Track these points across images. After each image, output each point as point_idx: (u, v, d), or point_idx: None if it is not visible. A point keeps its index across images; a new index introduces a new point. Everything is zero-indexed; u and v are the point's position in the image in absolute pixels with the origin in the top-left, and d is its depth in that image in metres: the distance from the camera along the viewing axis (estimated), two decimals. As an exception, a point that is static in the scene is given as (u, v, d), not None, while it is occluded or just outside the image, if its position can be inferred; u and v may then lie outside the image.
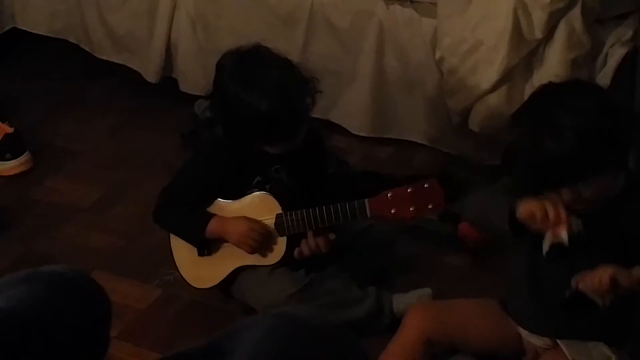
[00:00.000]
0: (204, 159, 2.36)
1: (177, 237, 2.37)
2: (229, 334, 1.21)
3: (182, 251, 2.37)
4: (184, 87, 3.10)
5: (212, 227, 2.29)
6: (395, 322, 2.21)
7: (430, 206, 2.14)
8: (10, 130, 2.89)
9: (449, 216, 2.51)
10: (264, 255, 2.31)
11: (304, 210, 2.25)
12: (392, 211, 2.16)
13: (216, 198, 2.32)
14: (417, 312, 2.08)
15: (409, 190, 2.14)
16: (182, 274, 2.39)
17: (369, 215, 2.20)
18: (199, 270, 2.37)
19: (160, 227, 2.38)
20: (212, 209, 2.32)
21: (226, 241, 2.32)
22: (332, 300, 2.27)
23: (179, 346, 2.24)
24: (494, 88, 2.61)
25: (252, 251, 2.30)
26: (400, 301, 2.29)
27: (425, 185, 2.14)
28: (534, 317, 2.01)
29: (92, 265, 2.51)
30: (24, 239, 2.64)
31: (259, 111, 2.18)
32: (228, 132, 2.27)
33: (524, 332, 2.04)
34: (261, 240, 2.29)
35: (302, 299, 2.26)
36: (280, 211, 2.28)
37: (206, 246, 2.35)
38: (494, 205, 1.98)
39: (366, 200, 2.20)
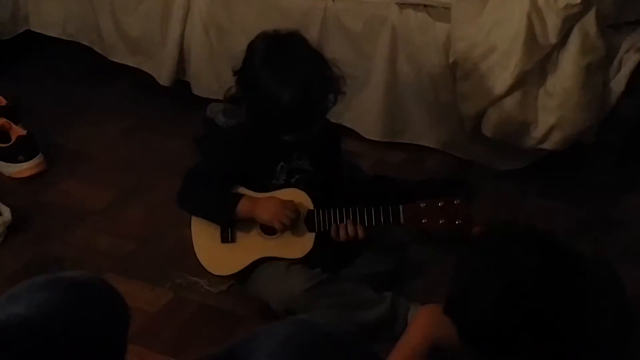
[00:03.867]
0: (229, 141, 2.38)
1: (198, 222, 2.36)
2: (245, 342, 1.21)
3: (202, 236, 2.36)
4: (196, 91, 3.11)
5: (244, 206, 2.29)
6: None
7: (458, 222, 2.24)
8: (23, 132, 2.90)
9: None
10: (289, 248, 2.32)
11: (337, 209, 2.27)
12: (423, 221, 2.25)
13: (241, 182, 2.32)
14: (423, 316, 2.07)
15: (440, 204, 2.25)
16: (201, 260, 2.38)
17: (402, 221, 2.26)
18: (220, 256, 2.36)
19: (185, 209, 2.37)
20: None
21: (251, 229, 2.31)
22: (346, 300, 2.28)
23: (190, 350, 2.27)
24: (508, 93, 2.60)
25: (282, 229, 2.29)
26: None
27: (456, 202, 2.24)
28: None
29: (104, 268, 2.51)
30: (36, 242, 2.64)
31: (279, 101, 2.20)
32: (249, 112, 2.29)
33: None
34: (293, 221, 2.28)
35: (316, 295, 2.26)
36: (311, 207, 2.30)
37: (231, 231, 2.34)
38: None
39: (401, 206, 2.25)
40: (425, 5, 2.78)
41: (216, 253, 2.37)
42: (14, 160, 2.88)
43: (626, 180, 2.75)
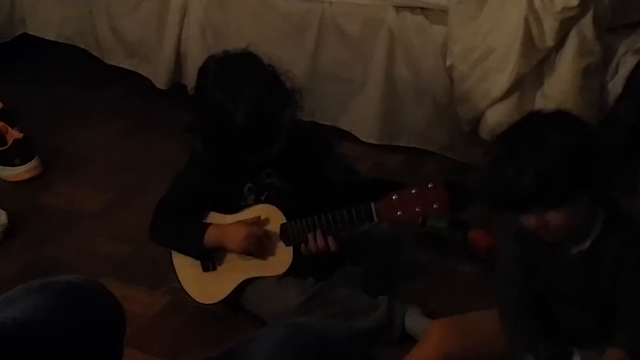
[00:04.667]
0: (193, 167, 2.34)
1: (179, 254, 2.35)
2: (241, 345, 1.20)
3: (185, 268, 2.36)
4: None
5: (210, 235, 2.27)
6: (405, 335, 2.20)
7: (435, 206, 2.14)
8: (19, 135, 2.89)
9: (459, 224, 2.51)
10: (270, 265, 2.30)
11: (309, 218, 2.23)
12: (398, 213, 2.17)
13: (210, 208, 2.30)
14: (436, 330, 2.06)
15: (413, 191, 2.15)
16: (188, 291, 2.37)
17: (375, 219, 2.20)
18: (205, 285, 2.35)
19: (157, 243, 2.36)
20: (211, 222, 2.30)
21: (229, 253, 2.30)
22: (342, 309, 2.26)
23: (186, 353, 2.26)
24: (505, 96, 2.60)
25: (254, 255, 2.27)
26: (414, 322, 2.26)
27: (429, 186, 2.15)
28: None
29: (101, 272, 2.51)
30: (33, 245, 2.64)
31: (233, 120, 2.17)
32: (206, 139, 2.25)
33: None
34: (264, 248, 2.27)
35: (311, 308, 2.24)
36: (284, 221, 2.27)
37: (210, 260, 2.33)
38: None
39: (372, 203, 2.19)
40: (422, 8, 2.78)
41: (201, 283, 2.36)
42: (10, 163, 2.88)
43: (623, 183, 2.75)
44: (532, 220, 1.81)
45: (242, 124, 2.16)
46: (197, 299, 2.37)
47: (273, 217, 2.27)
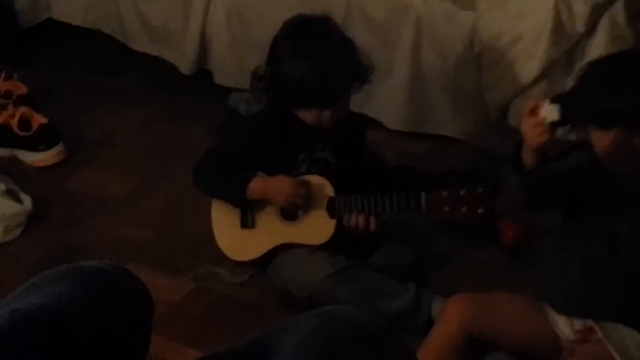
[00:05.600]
0: (252, 125, 2.38)
1: (218, 207, 2.34)
2: (271, 335, 1.18)
3: (223, 221, 2.35)
4: (218, 80, 3.08)
5: (255, 184, 2.27)
6: (430, 324, 2.19)
7: (480, 211, 2.22)
8: (44, 120, 2.89)
9: (487, 213, 2.49)
10: (309, 234, 2.30)
11: (358, 196, 2.26)
12: (444, 209, 2.24)
13: (261, 168, 2.30)
14: (456, 304, 2.05)
15: (462, 193, 2.23)
16: (220, 245, 2.37)
17: (423, 208, 2.24)
18: (240, 242, 2.35)
19: (199, 187, 2.35)
20: None
21: (271, 214, 2.30)
22: (370, 288, 2.26)
23: (211, 340, 2.25)
24: (534, 83, 2.57)
25: (296, 207, 2.28)
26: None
27: (478, 191, 2.23)
28: (575, 298, 1.98)
29: (124, 257, 2.50)
30: (57, 230, 2.63)
31: (293, 75, 2.22)
32: (272, 85, 2.29)
33: (561, 322, 2.00)
34: (307, 206, 2.28)
35: (340, 282, 2.25)
36: (333, 194, 2.28)
37: (250, 215, 2.32)
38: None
39: (422, 193, 2.24)
40: (450, -6, 2.75)
41: (236, 238, 2.35)
42: (35, 148, 2.87)
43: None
44: (619, 135, 1.82)
45: (300, 78, 2.21)
46: (229, 255, 2.36)
47: (322, 188, 2.29)
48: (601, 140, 1.85)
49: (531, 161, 1.92)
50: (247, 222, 2.33)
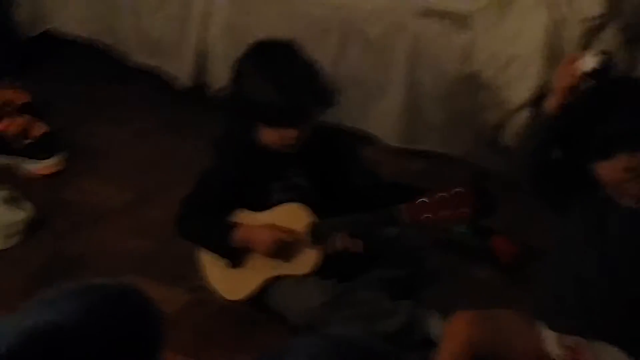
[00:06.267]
0: (220, 163, 2.36)
1: (206, 251, 2.37)
2: (276, 355, 1.18)
3: (212, 264, 2.37)
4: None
5: (238, 236, 2.29)
6: (426, 341, 2.21)
7: (463, 210, 2.15)
8: (45, 130, 2.91)
9: (482, 230, 2.51)
10: (296, 264, 2.30)
11: (337, 218, 2.25)
12: (425, 216, 2.18)
13: (237, 206, 2.31)
14: (461, 320, 2.06)
15: (441, 195, 2.16)
16: (213, 286, 2.38)
17: (403, 220, 2.21)
18: (230, 282, 2.37)
19: (184, 239, 2.37)
20: (238, 220, 2.32)
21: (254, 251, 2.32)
22: (364, 311, 2.26)
23: (209, 352, 2.26)
24: (529, 103, 2.61)
25: (281, 259, 2.29)
26: (437, 326, 2.26)
27: (457, 190, 2.16)
28: (565, 315, 2.01)
29: (122, 268, 2.52)
30: (56, 239, 2.65)
31: (255, 92, 2.21)
32: (233, 105, 2.27)
33: (550, 338, 2.03)
34: (291, 248, 2.29)
35: (333, 308, 2.25)
36: (312, 220, 2.28)
37: (237, 257, 2.34)
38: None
39: (401, 205, 2.20)
40: (445, 14, 2.79)
41: (227, 278, 2.37)
42: (35, 157, 2.89)
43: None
44: (608, 168, 1.85)
45: (279, 101, 2.19)
46: (224, 296, 2.38)
47: (301, 216, 2.28)
48: (604, 169, 1.88)
49: (553, 105, 1.94)
50: (233, 262, 2.35)
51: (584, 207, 1.98)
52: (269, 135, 2.26)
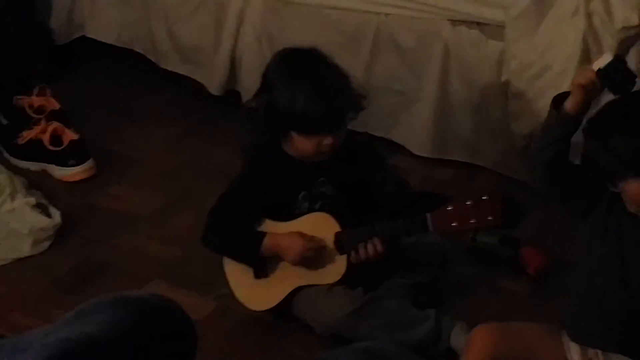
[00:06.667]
0: (247, 174, 2.36)
1: (230, 261, 2.36)
2: None
3: (237, 274, 2.37)
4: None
5: (266, 245, 2.28)
6: (450, 352, 2.19)
7: (490, 218, 2.16)
8: (75, 136, 2.93)
9: (510, 241, 2.49)
10: (323, 274, 2.30)
11: (364, 227, 2.24)
12: (453, 224, 2.19)
13: (264, 216, 2.30)
14: (482, 334, 2.05)
15: (468, 203, 2.17)
16: (239, 298, 2.38)
17: (431, 229, 2.21)
18: (256, 292, 2.36)
19: (210, 250, 2.37)
20: (265, 230, 2.31)
21: (282, 261, 2.31)
22: (391, 320, 2.26)
23: None
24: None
25: (309, 267, 2.28)
26: (459, 339, 2.25)
27: (484, 198, 2.17)
28: (587, 327, 1.99)
29: (150, 274, 2.53)
30: (85, 245, 2.66)
31: (291, 101, 2.20)
32: (267, 117, 2.26)
33: (574, 349, 2.01)
34: (318, 257, 2.27)
35: (360, 318, 2.25)
36: (338, 229, 2.27)
37: (262, 267, 2.33)
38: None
39: (427, 214, 2.21)
40: (478, 23, 2.77)
41: (252, 289, 2.36)
42: (65, 164, 2.91)
43: None
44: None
45: (316, 107, 2.18)
46: (247, 306, 2.38)
47: (327, 225, 2.28)
48: (636, 188, 1.85)
49: (570, 104, 1.95)
50: (260, 273, 2.34)
51: (603, 217, 1.95)
52: (304, 144, 2.25)
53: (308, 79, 2.22)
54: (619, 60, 1.99)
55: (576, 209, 2.02)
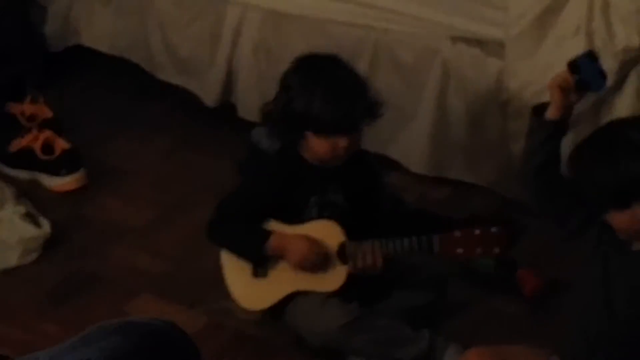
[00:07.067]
0: (262, 173, 2.38)
1: (229, 255, 2.34)
2: None
3: (234, 270, 2.35)
4: (242, 113, 3.09)
5: (273, 243, 2.27)
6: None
7: (496, 250, 2.20)
8: (67, 146, 2.90)
9: (507, 262, 2.48)
10: (322, 280, 2.29)
11: (369, 240, 2.25)
12: (458, 250, 2.22)
13: (272, 216, 2.30)
14: (474, 357, 2.04)
15: (476, 233, 2.21)
16: (233, 294, 2.36)
17: (435, 251, 2.22)
18: (252, 291, 2.35)
19: (214, 243, 2.35)
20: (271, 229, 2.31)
21: (283, 262, 2.30)
22: (384, 336, 2.25)
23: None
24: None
25: (310, 272, 2.27)
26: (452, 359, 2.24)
27: (493, 230, 2.21)
28: (576, 351, 1.99)
29: (140, 287, 2.51)
30: (75, 257, 2.64)
31: (308, 102, 2.22)
32: (284, 118, 2.28)
33: None
34: (320, 263, 2.27)
35: (353, 331, 2.24)
36: (344, 239, 2.27)
37: (262, 266, 2.31)
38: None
39: (435, 235, 2.22)
40: (478, 41, 2.75)
41: (248, 287, 2.35)
42: (56, 173, 2.88)
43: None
44: (625, 217, 1.82)
45: (332, 108, 2.20)
46: (242, 304, 2.36)
47: (333, 233, 2.28)
48: (622, 219, 1.84)
49: (551, 110, 1.99)
50: (259, 271, 2.33)
51: (592, 243, 1.94)
52: (319, 145, 2.26)
53: (325, 80, 2.26)
54: (590, 53, 2.04)
55: (567, 226, 2.02)
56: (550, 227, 2.66)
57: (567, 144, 2.53)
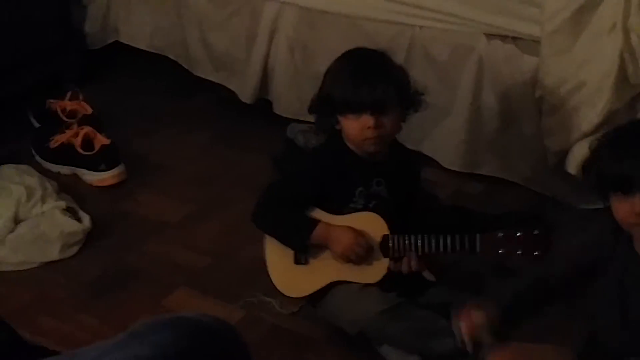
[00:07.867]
0: (312, 159, 2.40)
1: (272, 242, 2.36)
2: None
3: (276, 256, 2.36)
4: (277, 110, 3.12)
5: (318, 232, 2.28)
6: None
7: (536, 253, 2.20)
8: (107, 141, 2.94)
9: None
10: (363, 272, 2.30)
11: (412, 235, 2.26)
12: (499, 251, 2.22)
13: (318, 205, 2.31)
14: (499, 357, 2.04)
15: (518, 235, 2.21)
16: (273, 280, 2.37)
17: (478, 250, 2.23)
18: (293, 278, 2.35)
19: (259, 227, 2.34)
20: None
21: (325, 251, 2.31)
22: (421, 326, 2.26)
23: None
24: (595, 131, 2.55)
25: (353, 263, 2.28)
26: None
27: (535, 232, 2.21)
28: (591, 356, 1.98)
29: (178, 282, 2.53)
30: (113, 251, 2.66)
31: (335, 81, 2.26)
32: (318, 103, 2.30)
33: None
34: (364, 256, 2.28)
35: (391, 319, 2.25)
36: (387, 232, 2.29)
37: (305, 254, 2.33)
38: None
39: (478, 235, 2.22)
40: (513, 37, 2.75)
41: (289, 274, 2.36)
42: (95, 168, 2.92)
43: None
44: (627, 206, 1.82)
45: (349, 87, 2.22)
46: (282, 291, 2.36)
47: (377, 226, 2.28)
48: (623, 207, 1.84)
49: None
50: (301, 259, 2.34)
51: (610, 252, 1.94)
52: (349, 126, 2.27)
53: (354, 63, 2.28)
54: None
55: None
56: (585, 223, 2.68)
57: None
